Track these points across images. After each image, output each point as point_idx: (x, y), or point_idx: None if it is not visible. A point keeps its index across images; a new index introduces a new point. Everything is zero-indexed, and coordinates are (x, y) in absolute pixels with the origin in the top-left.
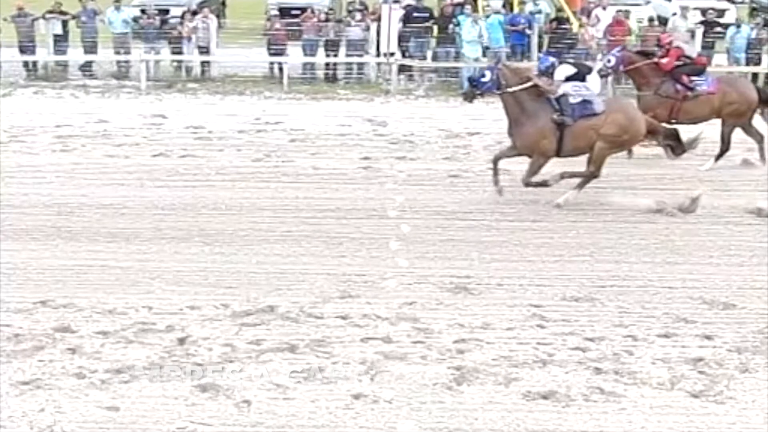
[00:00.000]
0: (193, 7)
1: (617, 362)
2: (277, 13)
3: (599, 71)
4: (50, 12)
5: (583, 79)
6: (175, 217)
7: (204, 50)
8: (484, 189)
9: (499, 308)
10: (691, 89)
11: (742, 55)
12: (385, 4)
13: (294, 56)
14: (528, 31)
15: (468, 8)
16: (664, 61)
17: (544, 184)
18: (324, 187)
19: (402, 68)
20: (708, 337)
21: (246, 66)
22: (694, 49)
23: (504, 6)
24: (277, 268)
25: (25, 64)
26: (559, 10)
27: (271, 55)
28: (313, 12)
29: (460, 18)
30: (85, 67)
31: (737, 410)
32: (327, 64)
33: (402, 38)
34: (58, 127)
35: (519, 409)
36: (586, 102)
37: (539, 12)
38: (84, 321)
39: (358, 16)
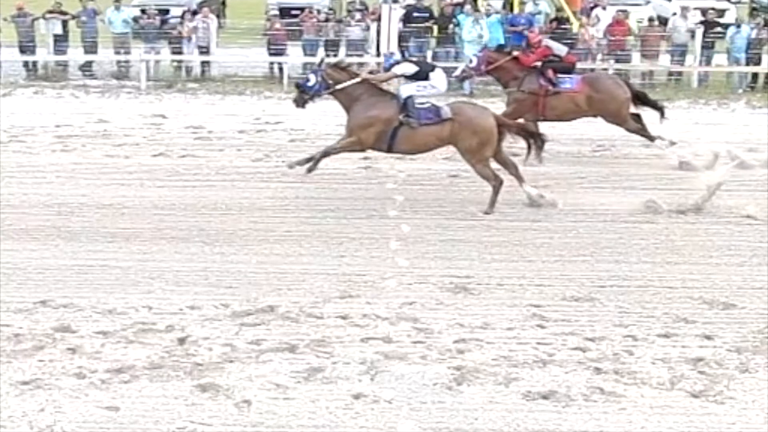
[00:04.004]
0: (193, 7)
1: (617, 362)
2: (277, 13)
3: (462, 72)
4: (50, 12)
5: (426, 78)
6: (175, 217)
7: (204, 50)
8: (484, 189)
9: (499, 308)
10: (554, 84)
11: (742, 55)
12: (385, 4)
13: (294, 56)
14: (528, 32)
15: (468, 8)
16: (528, 57)
17: (310, 161)
18: (324, 187)
19: None
20: (708, 337)
21: (246, 66)
22: (563, 49)
23: (504, 6)
24: (277, 268)
25: (25, 64)
26: (559, 9)
27: (271, 55)
28: (311, 12)
29: (460, 18)
30: (85, 67)
31: (737, 410)
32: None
33: (402, 38)
34: (58, 127)
35: (519, 409)
36: (434, 108)
37: (539, 13)
38: (84, 321)
39: (358, 16)
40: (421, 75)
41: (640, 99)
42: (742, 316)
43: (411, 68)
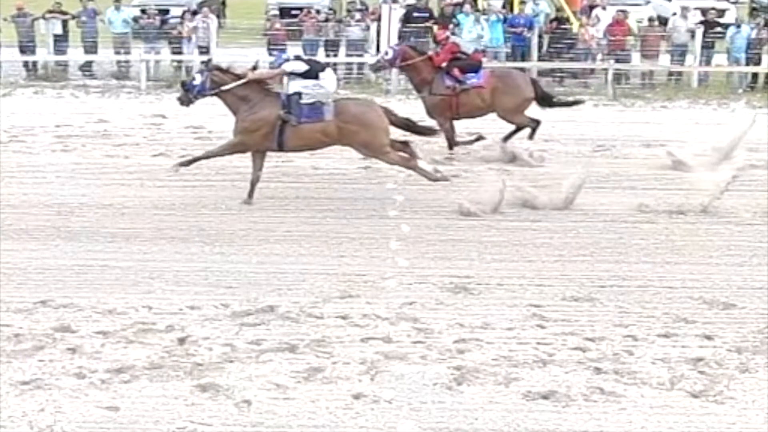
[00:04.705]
0: (193, 7)
1: (617, 362)
2: (277, 13)
3: (376, 63)
4: (50, 12)
5: (316, 77)
6: (175, 217)
7: (204, 50)
8: (484, 189)
9: (499, 308)
10: (461, 82)
11: (742, 55)
12: (385, 4)
13: None
14: (527, 34)
15: (468, 8)
16: (437, 56)
17: (188, 163)
18: (324, 187)
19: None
20: (708, 337)
21: (246, 66)
22: (471, 47)
23: (504, 6)
24: (277, 268)
25: (25, 64)
26: (559, 9)
27: (271, 55)
28: (311, 12)
29: (460, 17)
30: (85, 67)
31: (737, 410)
32: (327, 64)
33: (402, 38)
34: (58, 127)
35: (519, 409)
36: (317, 105)
37: (539, 14)
38: (84, 321)
39: (358, 16)
40: (311, 74)
41: (546, 101)
42: (742, 316)
43: (301, 66)
